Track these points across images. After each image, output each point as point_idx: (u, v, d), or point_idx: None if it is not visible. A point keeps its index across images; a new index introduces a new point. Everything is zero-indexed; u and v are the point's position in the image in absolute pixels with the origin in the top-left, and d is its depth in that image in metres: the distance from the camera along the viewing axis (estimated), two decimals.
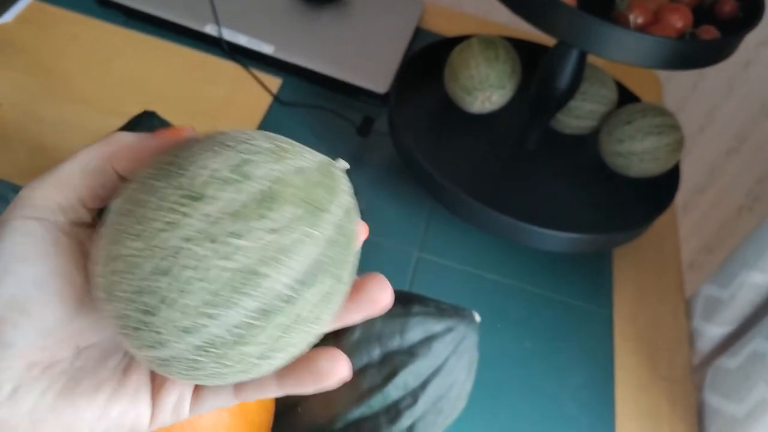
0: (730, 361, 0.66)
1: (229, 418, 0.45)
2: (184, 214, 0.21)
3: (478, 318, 0.53)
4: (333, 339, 0.51)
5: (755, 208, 1.05)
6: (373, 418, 0.50)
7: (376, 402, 0.50)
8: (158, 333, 0.21)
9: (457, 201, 0.69)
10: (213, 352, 0.22)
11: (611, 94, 0.76)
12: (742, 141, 1.06)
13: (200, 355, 0.22)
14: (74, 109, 0.74)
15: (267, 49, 0.83)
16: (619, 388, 0.67)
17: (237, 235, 0.21)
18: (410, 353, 0.50)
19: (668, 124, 0.71)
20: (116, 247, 0.22)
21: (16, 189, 0.49)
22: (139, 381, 0.27)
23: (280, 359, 0.23)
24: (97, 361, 0.26)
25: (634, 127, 0.71)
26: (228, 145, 0.22)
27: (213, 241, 0.21)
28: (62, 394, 0.25)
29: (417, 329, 0.51)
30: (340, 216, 0.23)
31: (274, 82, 0.83)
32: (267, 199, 0.21)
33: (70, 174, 0.26)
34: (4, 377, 0.24)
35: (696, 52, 0.58)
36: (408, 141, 0.72)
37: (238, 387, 0.28)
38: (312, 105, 0.82)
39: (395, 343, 0.51)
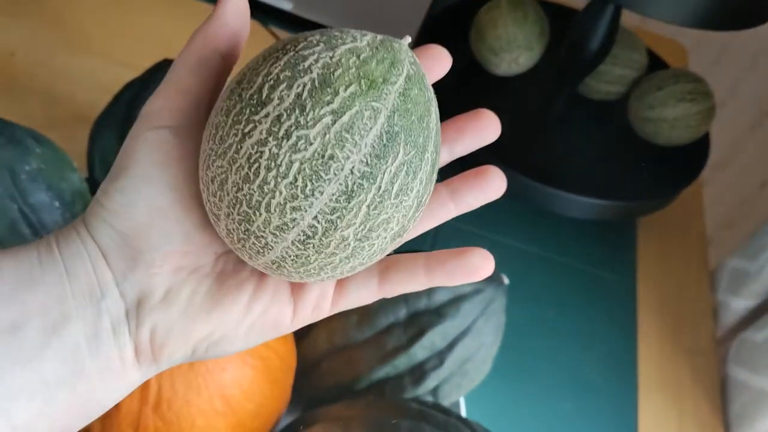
0: (757, 335, 0.64)
1: (252, 373, 0.44)
2: (253, 123, 0.22)
3: (506, 281, 0.52)
4: None
5: None
6: (397, 379, 0.49)
7: (401, 362, 0.49)
8: (260, 238, 0.23)
9: (481, 164, 0.67)
10: (312, 242, 0.23)
11: (642, 59, 0.73)
12: (766, 115, 1.04)
13: (302, 249, 0.23)
14: (88, 61, 0.72)
15: (286, 5, 0.81)
16: (642, 359, 0.66)
17: (300, 125, 0.21)
18: (438, 313, 0.48)
19: (701, 91, 0.69)
20: (208, 171, 0.23)
21: (34, 135, 0.47)
22: (278, 281, 0.27)
23: (381, 237, 0.24)
24: (234, 265, 0.27)
25: (666, 93, 0.69)
26: (287, 49, 0.23)
27: (280, 137, 0.21)
28: (209, 295, 0.26)
29: (445, 289, 0.49)
30: (402, 84, 0.23)
31: None
32: (321, 85, 0.22)
33: (179, 78, 0.26)
34: (156, 281, 0.26)
35: (737, 11, 0.56)
36: None
37: (383, 278, 0.28)
38: None
39: (422, 303, 0.49)
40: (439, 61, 0.28)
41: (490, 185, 0.28)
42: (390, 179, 0.22)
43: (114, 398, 0.26)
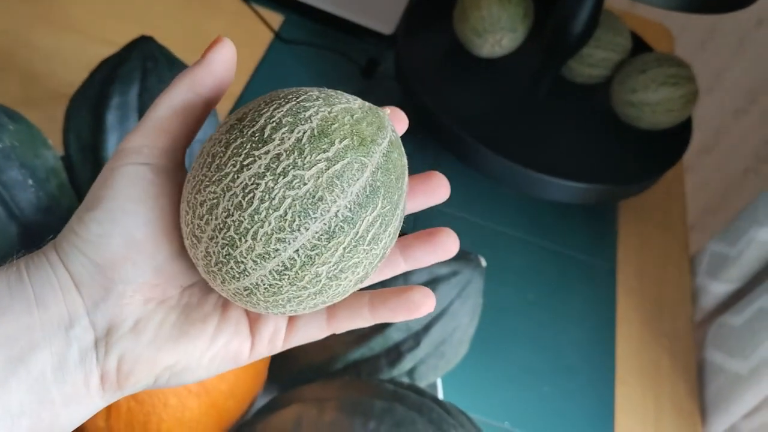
0: (734, 318, 0.65)
1: None
2: (253, 157, 0.24)
3: (484, 263, 0.52)
4: None
5: (762, 170, 1.03)
6: (373, 360, 0.49)
7: (377, 344, 0.49)
8: (240, 263, 0.24)
9: (463, 146, 0.67)
10: (287, 274, 0.24)
11: (625, 43, 0.73)
12: (751, 102, 1.04)
13: (278, 279, 0.25)
14: (68, 38, 0.71)
15: None
16: (620, 343, 0.66)
17: (298, 166, 0.24)
18: None
19: (683, 75, 0.69)
20: (198, 195, 0.25)
21: (7, 111, 0.47)
22: (238, 316, 0.29)
23: (348, 279, 0.26)
24: (199, 298, 0.28)
25: (649, 76, 0.69)
26: (288, 99, 0.25)
27: (278, 174, 0.24)
28: (176, 326, 0.27)
29: (421, 271, 0.49)
30: (386, 146, 0.26)
31: (276, 19, 0.80)
32: (320, 135, 0.24)
33: (162, 118, 0.27)
34: (127, 311, 0.26)
35: None
36: (414, 84, 0.70)
37: (331, 316, 0.29)
38: (315, 44, 0.79)
39: (398, 284, 0.49)
40: (398, 121, 0.30)
41: (442, 247, 0.30)
42: (366, 227, 0.25)
43: (75, 423, 0.27)
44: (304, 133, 0.24)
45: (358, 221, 0.25)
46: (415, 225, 0.67)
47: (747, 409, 0.60)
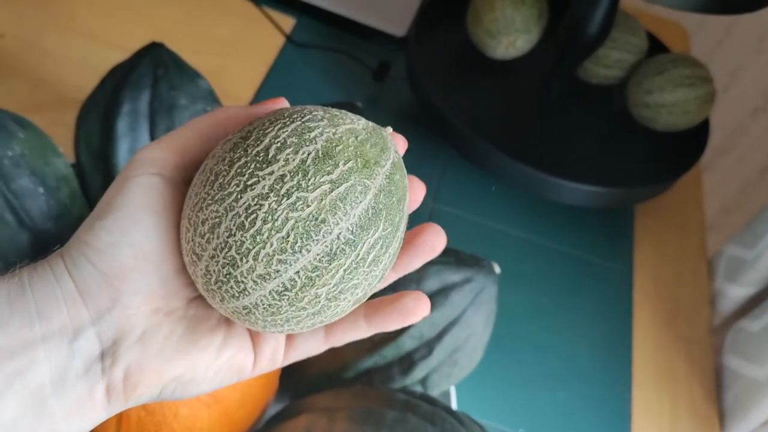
0: (752, 324, 0.64)
1: None
2: (257, 177, 0.24)
3: (498, 269, 0.51)
4: None
5: None
6: (385, 368, 0.48)
7: (389, 352, 0.48)
8: (240, 283, 0.24)
9: (476, 149, 0.66)
10: (287, 295, 0.24)
11: (641, 43, 0.72)
12: None
13: (277, 299, 0.25)
14: (78, 43, 0.71)
15: None
16: (636, 347, 0.65)
17: (301, 188, 0.24)
18: None
19: (700, 75, 0.68)
20: (200, 213, 0.25)
21: (17, 119, 0.46)
22: (242, 330, 0.29)
23: (347, 300, 0.26)
24: (205, 310, 0.28)
25: (665, 77, 0.68)
26: (294, 118, 0.25)
27: (281, 195, 0.24)
28: (184, 337, 0.27)
29: (434, 279, 0.48)
30: (389, 168, 0.26)
31: (288, 22, 0.80)
32: (324, 156, 0.24)
33: (187, 137, 0.27)
34: (134, 321, 0.26)
35: None
36: (427, 86, 0.69)
37: (329, 331, 0.29)
38: (327, 47, 0.79)
39: (412, 289, 0.48)
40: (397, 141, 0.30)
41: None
42: (368, 249, 0.25)
43: None
44: (308, 154, 0.24)
45: (360, 243, 0.25)
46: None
47: (766, 417, 0.59)
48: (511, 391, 0.60)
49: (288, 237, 0.24)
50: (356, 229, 0.24)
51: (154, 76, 0.51)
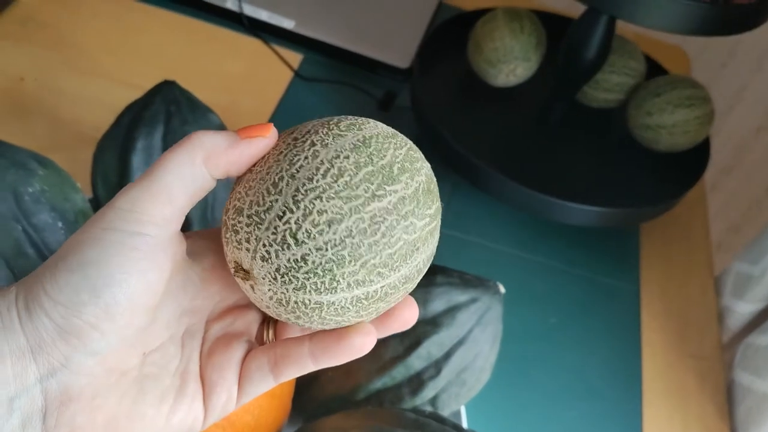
0: (761, 338, 0.64)
1: None
2: (384, 191, 0.25)
3: (502, 289, 0.52)
4: None
5: None
6: (395, 389, 0.49)
7: (399, 373, 0.49)
8: (335, 281, 0.25)
9: (481, 175, 0.68)
10: (363, 303, 0.26)
11: (640, 67, 0.74)
12: None
13: (351, 304, 0.26)
14: (94, 83, 0.73)
15: (288, 24, 0.82)
16: (646, 365, 0.66)
17: (415, 215, 0.26)
18: (433, 323, 0.49)
19: (699, 96, 0.69)
20: (318, 202, 0.25)
21: (37, 157, 0.49)
22: (195, 387, 0.28)
23: (380, 311, 0.27)
24: (159, 367, 0.27)
25: (664, 99, 0.69)
26: (399, 144, 0.27)
27: (401, 216, 0.25)
28: (135, 403, 0.26)
29: (440, 299, 0.50)
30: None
31: (295, 58, 0.82)
32: (427, 191, 0.27)
33: (168, 186, 0.26)
34: (85, 382, 0.25)
35: (729, 17, 0.56)
36: (431, 115, 0.71)
37: (276, 370, 0.29)
38: (333, 80, 0.81)
39: (418, 308, 0.50)
40: None
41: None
42: (419, 277, 0.28)
43: None
44: (420, 184, 0.26)
45: (424, 271, 0.27)
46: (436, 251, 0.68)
47: None
48: (521, 410, 0.61)
49: (394, 255, 0.25)
50: (427, 261, 0.27)
51: (167, 113, 0.53)
